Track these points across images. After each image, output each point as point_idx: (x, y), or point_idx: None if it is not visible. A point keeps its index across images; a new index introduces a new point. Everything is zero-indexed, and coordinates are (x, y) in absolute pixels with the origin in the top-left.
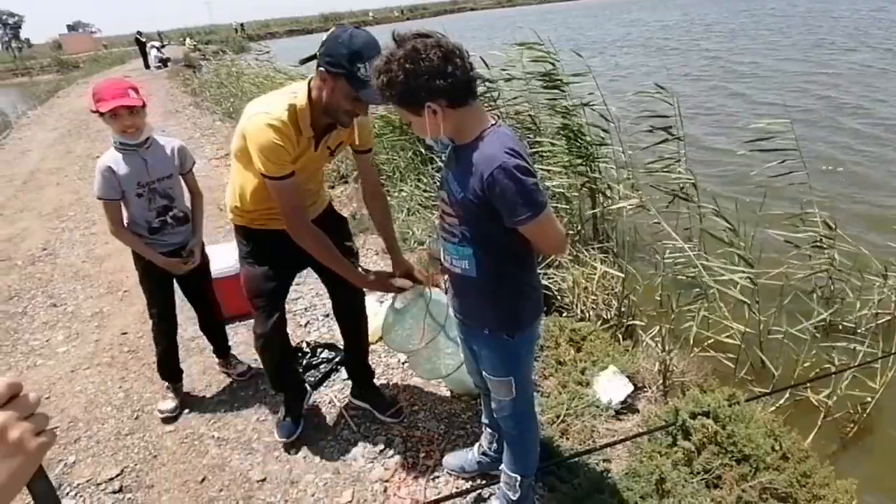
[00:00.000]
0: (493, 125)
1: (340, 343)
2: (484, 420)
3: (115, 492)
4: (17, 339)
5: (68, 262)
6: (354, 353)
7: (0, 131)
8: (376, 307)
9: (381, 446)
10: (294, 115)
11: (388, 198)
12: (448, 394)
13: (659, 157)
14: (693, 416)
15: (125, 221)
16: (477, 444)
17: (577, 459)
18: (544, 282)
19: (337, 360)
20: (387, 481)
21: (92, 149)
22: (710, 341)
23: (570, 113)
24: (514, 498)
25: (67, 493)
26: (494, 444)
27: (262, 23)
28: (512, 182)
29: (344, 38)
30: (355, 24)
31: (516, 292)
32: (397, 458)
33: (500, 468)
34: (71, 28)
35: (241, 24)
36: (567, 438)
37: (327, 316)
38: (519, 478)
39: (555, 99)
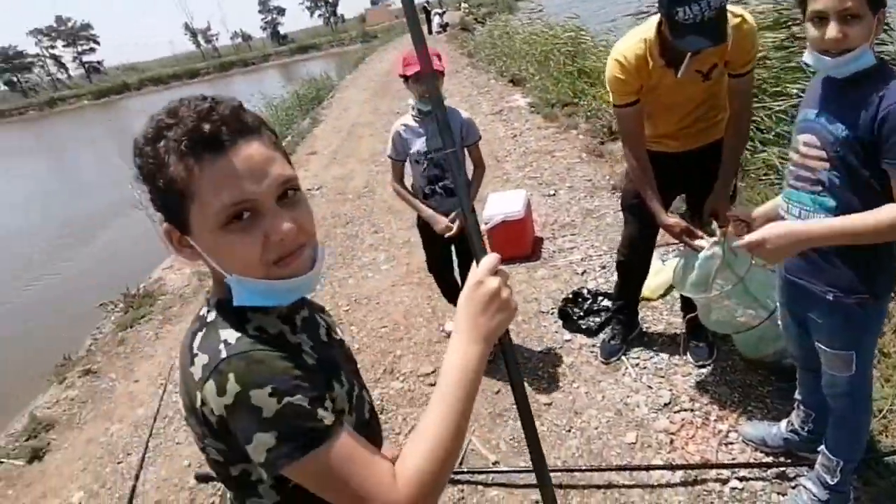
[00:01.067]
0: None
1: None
2: (797, 396)
3: (430, 385)
4: (353, 255)
5: (383, 198)
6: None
7: (328, 92)
8: (658, 265)
9: (666, 399)
10: (644, 48)
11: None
12: (741, 363)
13: None
14: None
15: (412, 181)
16: (786, 420)
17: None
18: None
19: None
20: (673, 434)
21: (393, 106)
22: None
23: None
24: (832, 483)
25: (397, 378)
26: (810, 425)
27: None
28: None
29: None
30: None
31: (878, 256)
32: (684, 414)
33: (820, 449)
34: (373, 2)
35: None
36: (887, 436)
37: (604, 268)
38: (842, 462)
39: None
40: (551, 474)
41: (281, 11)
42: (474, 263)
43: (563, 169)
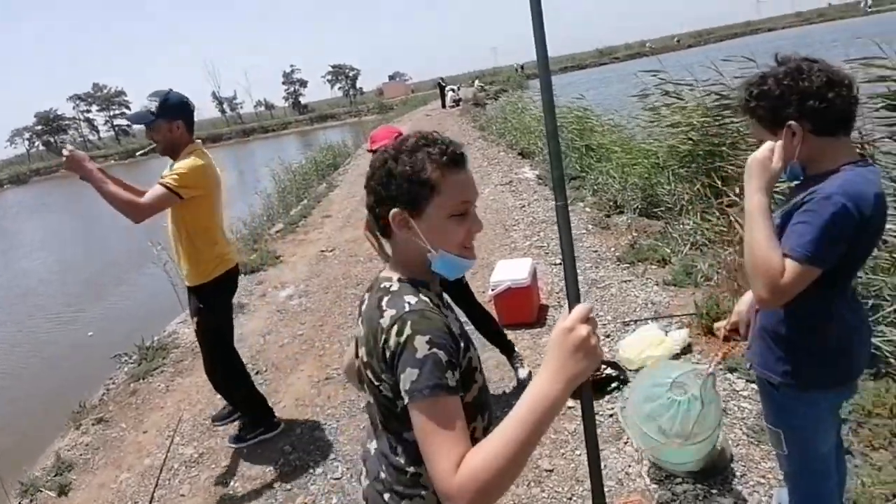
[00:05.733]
0: (857, 162)
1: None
2: None
3: None
4: None
5: None
6: None
7: (344, 159)
8: (661, 336)
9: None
10: None
11: (669, 229)
12: (744, 436)
13: None
14: None
15: None
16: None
17: None
18: (876, 340)
19: (622, 377)
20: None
21: None
22: None
23: None
24: None
25: None
26: None
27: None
28: (819, 215)
29: None
30: (630, 56)
31: (809, 350)
32: (686, 486)
33: None
34: (391, 77)
35: (522, 65)
36: None
37: (608, 336)
38: None
39: None
40: None
41: (303, 84)
42: (565, 309)
43: None
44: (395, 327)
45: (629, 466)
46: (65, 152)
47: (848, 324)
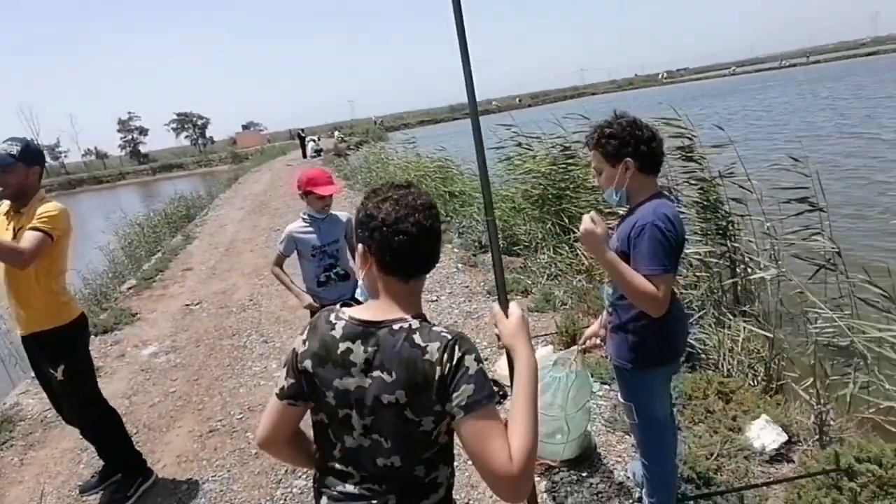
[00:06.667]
0: (660, 195)
1: None
2: None
3: None
4: (243, 365)
5: (270, 310)
6: None
7: (199, 210)
8: None
9: None
10: None
11: (528, 264)
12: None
13: (804, 227)
14: (858, 461)
15: (302, 276)
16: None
17: (733, 494)
18: (690, 339)
19: (502, 392)
20: None
21: (273, 223)
22: (870, 407)
23: (709, 185)
24: None
25: (300, 476)
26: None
27: (397, 115)
28: (650, 239)
29: None
30: (480, 113)
31: (645, 337)
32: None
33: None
34: (245, 127)
35: (381, 119)
36: (721, 474)
37: (486, 359)
38: (655, 500)
39: (692, 171)
40: None
41: (143, 132)
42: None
43: (442, 278)
44: (446, 354)
45: None
46: None
47: (675, 315)
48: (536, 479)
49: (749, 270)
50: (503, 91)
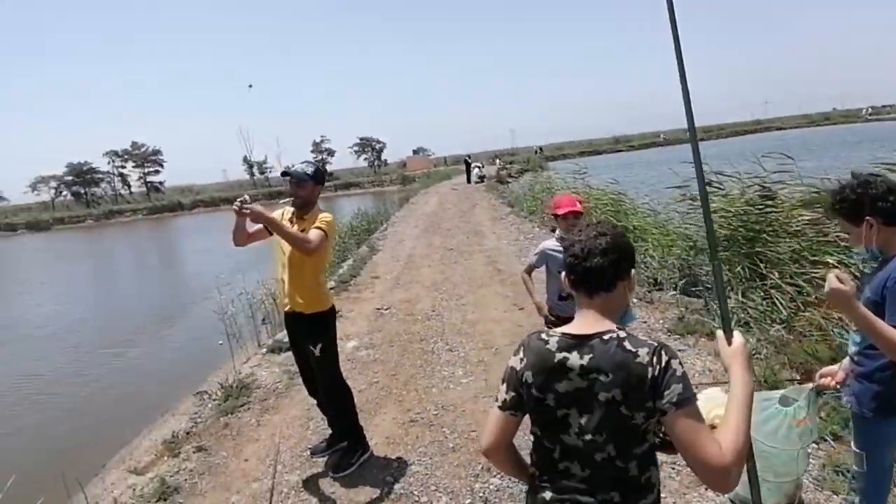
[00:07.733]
0: None
1: None
2: None
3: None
4: (432, 368)
5: (451, 321)
6: None
7: (381, 224)
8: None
9: None
10: None
11: (711, 306)
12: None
13: None
14: None
15: (546, 288)
16: None
17: None
18: None
19: None
20: None
21: (445, 242)
22: None
23: None
24: None
25: (496, 475)
26: None
27: (557, 145)
28: None
29: None
30: (645, 145)
31: (887, 381)
32: None
33: None
34: (415, 152)
35: (540, 147)
36: None
37: None
38: None
39: None
40: None
41: (332, 153)
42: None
43: None
44: (655, 357)
45: None
46: (246, 208)
47: None
48: None
49: None
50: (672, 123)
